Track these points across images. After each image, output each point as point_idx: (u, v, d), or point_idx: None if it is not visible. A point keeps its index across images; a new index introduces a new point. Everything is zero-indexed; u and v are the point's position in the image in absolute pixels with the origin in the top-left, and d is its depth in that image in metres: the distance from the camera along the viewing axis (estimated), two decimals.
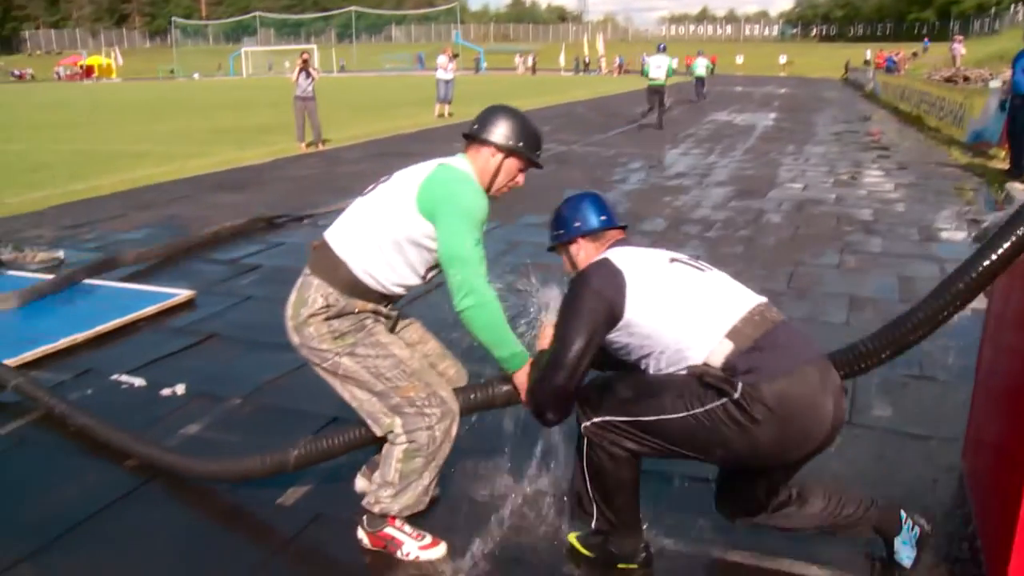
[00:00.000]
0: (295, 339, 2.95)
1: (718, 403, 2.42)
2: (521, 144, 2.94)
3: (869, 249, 7.24)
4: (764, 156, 13.76)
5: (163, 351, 4.93)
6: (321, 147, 15.38)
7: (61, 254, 7.05)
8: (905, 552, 2.78)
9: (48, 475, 3.55)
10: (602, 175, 11.42)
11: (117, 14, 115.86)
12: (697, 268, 2.72)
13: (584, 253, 2.86)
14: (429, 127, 18.77)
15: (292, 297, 2.94)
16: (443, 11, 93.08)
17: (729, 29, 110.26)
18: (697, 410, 2.45)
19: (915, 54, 49.22)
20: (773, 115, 22.91)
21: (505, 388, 2.93)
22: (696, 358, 2.50)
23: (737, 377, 2.41)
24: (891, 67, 41.63)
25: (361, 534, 3.00)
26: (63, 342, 5.00)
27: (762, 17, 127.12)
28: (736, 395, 2.38)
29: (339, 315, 2.86)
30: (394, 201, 2.84)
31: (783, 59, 65.83)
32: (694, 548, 2.98)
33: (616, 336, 2.62)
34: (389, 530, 2.94)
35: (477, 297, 2.74)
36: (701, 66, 29.51)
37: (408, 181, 2.86)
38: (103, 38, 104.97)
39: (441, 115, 20.85)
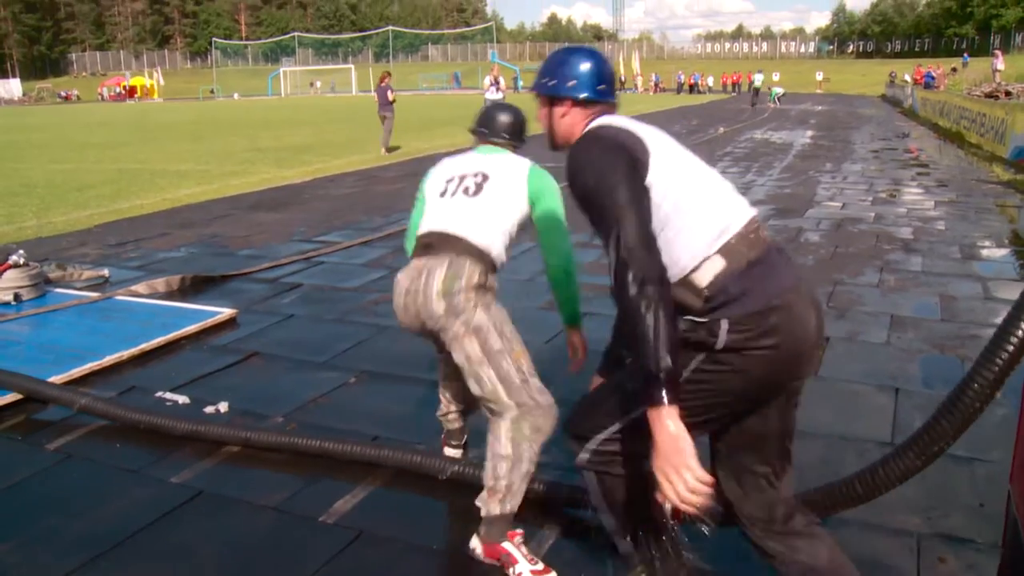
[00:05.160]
0: (440, 306, 3.13)
1: (699, 360, 2.15)
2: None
3: (909, 268, 7.17)
4: (802, 174, 13.69)
5: (206, 369, 4.99)
6: (384, 153, 17.56)
7: (106, 272, 7.18)
8: None
9: (95, 490, 3.60)
10: None
11: (160, 35, 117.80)
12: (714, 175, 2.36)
13: (569, 119, 2.53)
14: (467, 146, 18.84)
15: (441, 274, 3.13)
16: (479, 30, 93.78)
17: (765, 46, 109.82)
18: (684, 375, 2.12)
19: (954, 69, 48.73)
20: (810, 133, 22.79)
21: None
22: (686, 264, 2.15)
23: (720, 311, 2.11)
24: (930, 83, 41.22)
25: (475, 543, 3.04)
26: (109, 359, 5.08)
27: (798, 34, 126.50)
28: (719, 346, 2.11)
29: (484, 289, 3.21)
30: (511, 194, 3.35)
31: (820, 76, 65.50)
32: None
33: None
34: (507, 545, 2.99)
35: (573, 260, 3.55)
36: (758, 79, 43.65)
37: (512, 175, 3.41)
38: (146, 59, 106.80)
39: None
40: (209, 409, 4.37)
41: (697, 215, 2.19)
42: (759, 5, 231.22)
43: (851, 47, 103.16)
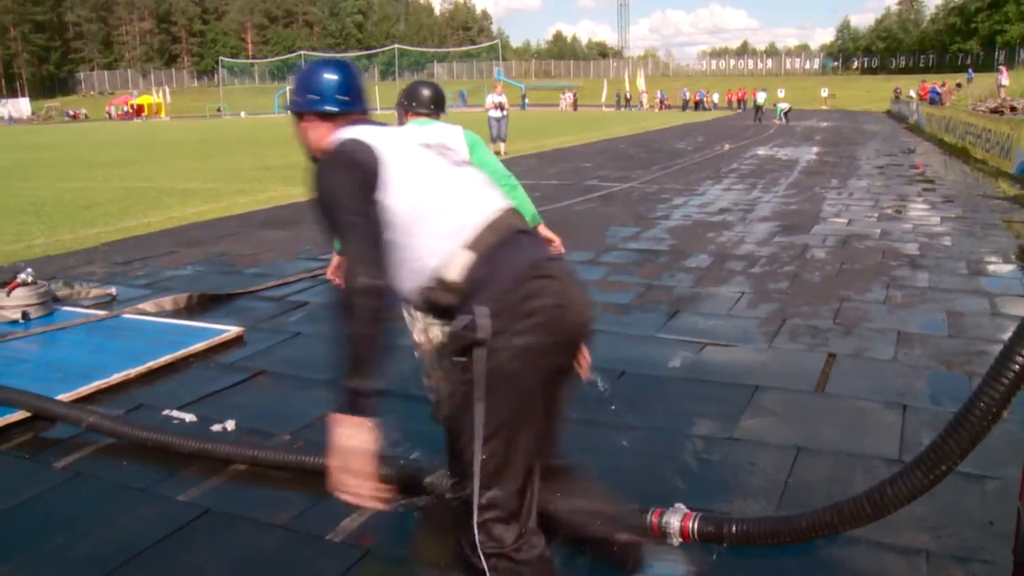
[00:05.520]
0: None
1: (483, 362, 2.13)
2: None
3: (916, 284, 7.16)
4: (808, 191, 13.70)
5: (213, 387, 5.00)
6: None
7: (114, 290, 7.20)
8: None
9: (102, 509, 3.61)
10: (644, 211, 11.44)
11: (167, 54, 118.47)
12: (446, 159, 2.44)
13: (315, 132, 2.54)
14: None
15: None
16: (485, 48, 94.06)
17: (770, 63, 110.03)
18: (481, 389, 2.13)
19: (959, 85, 48.77)
20: (816, 149, 22.83)
21: None
22: (435, 264, 2.21)
23: (475, 299, 2.14)
24: (935, 99, 41.28)
25: None
26: (116, 377, 5.09)
27: (803, 50, 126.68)
28: (486, 334, 2.11)
29: None
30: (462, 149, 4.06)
31: (825, 92, 65.58)
32: None
33: None
34: None
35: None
36: (761, 98, 44.50)
37: (458, 138, 4.12)
38: (153, 78, 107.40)
39: (497, 152, 20.73)
40: (216, 427, 4.37)
41: (438, 216, 2.25)
42: (764, 22, 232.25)
43: (856, 63, 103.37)
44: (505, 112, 20.96)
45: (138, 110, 74.83)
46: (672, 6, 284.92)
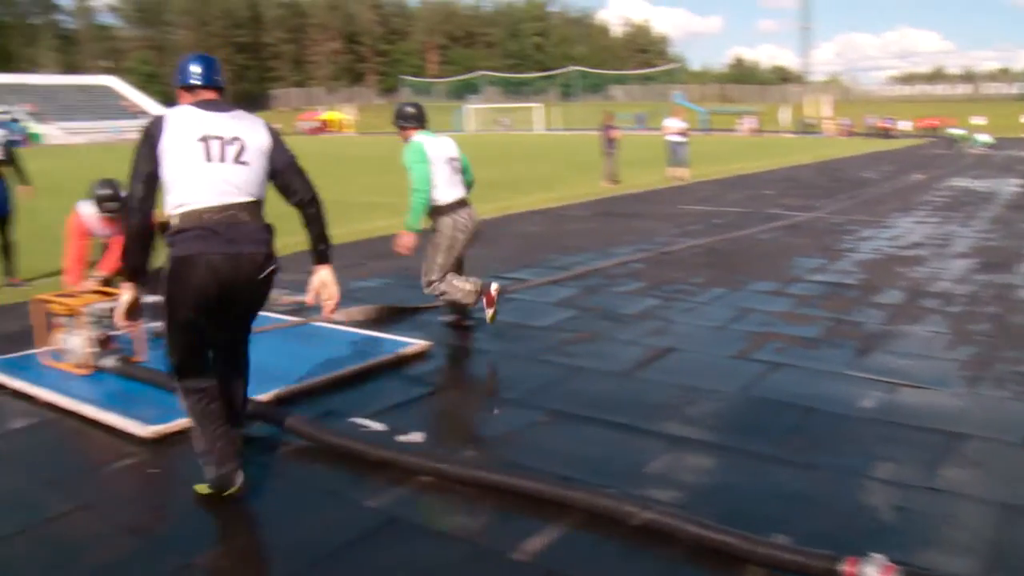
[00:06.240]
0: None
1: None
2: None
3: None
4: (1010, 226, 12.87)
5: (400, 398, 5.12)
6: (611, 184, 19.31)
7: (307, 299, 7.47)
8: None
9: (295, 508, 3.76)
10: (831, 242, 11.03)
11: (353, 73, 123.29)
12: (216, 167, 3.73)
13: (178, 101, 3.92)
14: (653, 188, 18.69)
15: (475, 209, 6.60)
16: (663, 71, 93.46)
17: (965, 88, 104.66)
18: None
19: None
20: (1018, 181, 21.48)
21: None
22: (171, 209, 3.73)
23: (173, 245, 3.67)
24: None
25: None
26: (308, 383, 5.30)
27: (1002, 74, 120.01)
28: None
29: None
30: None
31: None
32: None
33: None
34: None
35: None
36: (957, 132, 41.77)
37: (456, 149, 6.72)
38: (340, 95, 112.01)
39: (678, 178, 20.39)
40: (403, 438, 4.47)
41: (173, 186, 3.72)
42: (960, 44, 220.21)
43: None
44: (686, 137, 20.73)
45: (325, 126, 78.13)
46: (858, 29, 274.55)
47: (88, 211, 6.68)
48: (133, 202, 3.71)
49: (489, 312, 6.48)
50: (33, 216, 10.36)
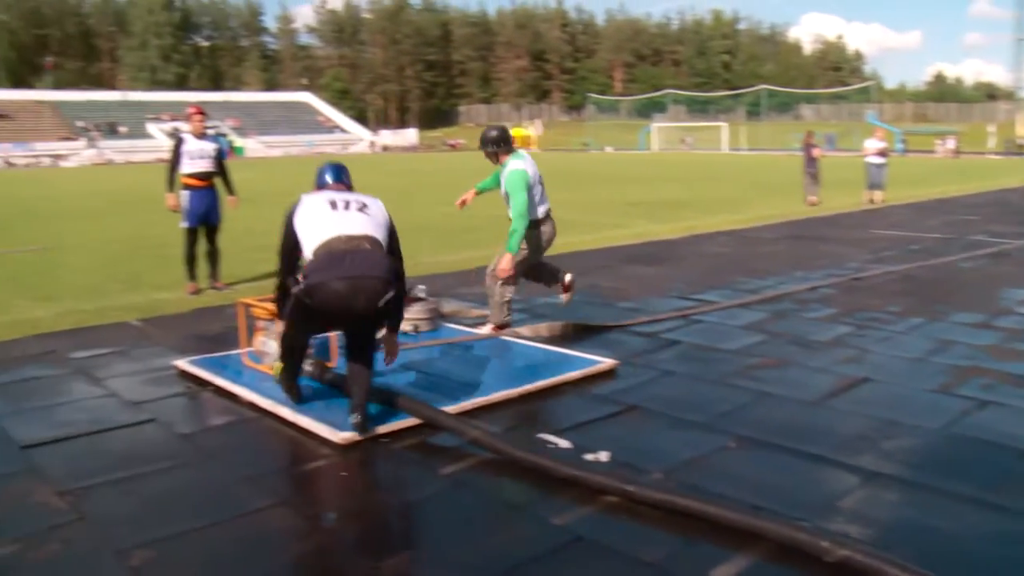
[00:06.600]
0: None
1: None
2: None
3: None
4: None
5: (586, 416, 5.12)
6: (813, 204, 19.06)
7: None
8: None
9: (481, 520, 3.82)
10: None
11: (539, 90, 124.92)
12: (341, 214, 4.75)
13: None
14: (843, 211, 18.00)
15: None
16: (856, 90, 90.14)
17: None
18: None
19: None
20: None
21: None
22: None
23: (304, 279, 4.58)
24: None
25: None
26: (495, 396, 5.38)
27: None
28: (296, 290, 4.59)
29: None
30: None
31: None
32: None
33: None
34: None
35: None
36: None
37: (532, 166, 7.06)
38: (525, 112, 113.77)
39: (871, 201, 19.60)
40: (590, 456, 4.44)
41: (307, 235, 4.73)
42: None
43: None
44: (886, 159, 19.95)
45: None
46: None
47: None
48: (281, 266, 4.95)
49: (564, 297, 7.45)
50: (233, 224, 10.96)
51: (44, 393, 5.83)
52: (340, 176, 5.29)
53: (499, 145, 7.01)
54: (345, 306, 4.50)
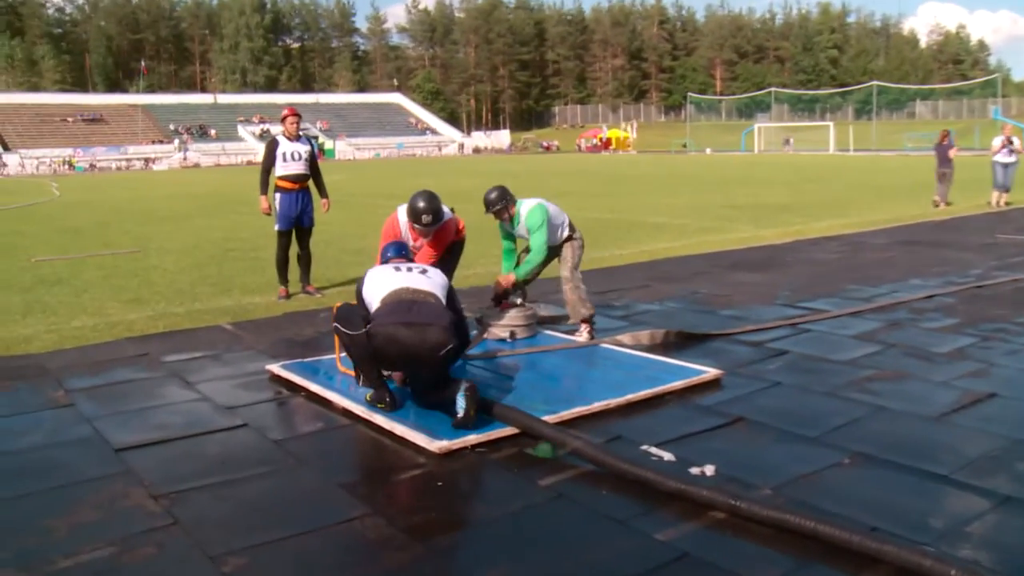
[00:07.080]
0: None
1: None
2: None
3: None
4: None
5: (691, 428, 4.94)
6: (940, 207, 18.68)
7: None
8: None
9: (582, 534, 3.68)
10: None
11: (636, 90, 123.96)
12: (404, 274, 5.32)
13: None
14: (962, 215, 17.27)
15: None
16: (979, 83, 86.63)
17: None
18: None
19: None
20: None
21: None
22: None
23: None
24: None
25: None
26: (596, 406, 5.22)
27: None
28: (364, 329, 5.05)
29: None
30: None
31: None
32: None
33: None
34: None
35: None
36: None
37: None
38: (622, 113, 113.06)
39: (997, 203, 18.78)
40: (695, 470, 4.27)
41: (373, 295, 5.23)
42: None
43: None
44: (1015, 158, 19.05)
45: (606, 143, 79.11)
46: None
47: (403, 218, 6.71)
48: (354, 329, 5.14)
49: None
50: (326, 228, 11.02)
51: (138, 396, 5.91)
52: (401, 251, 5.87)
53: (504, 200, 7.05)
54: (410, 352, 4.92)
